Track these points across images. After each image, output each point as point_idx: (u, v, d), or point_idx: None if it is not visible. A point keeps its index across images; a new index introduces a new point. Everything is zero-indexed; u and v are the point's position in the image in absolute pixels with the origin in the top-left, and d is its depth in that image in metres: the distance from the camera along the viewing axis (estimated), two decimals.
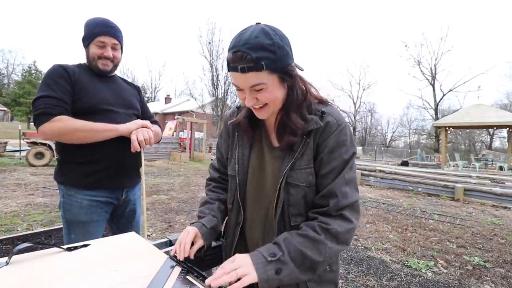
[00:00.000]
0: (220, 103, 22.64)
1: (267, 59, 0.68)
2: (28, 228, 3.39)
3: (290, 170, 0.78)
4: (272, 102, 0.76)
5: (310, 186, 0.78)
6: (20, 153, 10.17)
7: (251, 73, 0.69)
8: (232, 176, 0.92)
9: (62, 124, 1.17)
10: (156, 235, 3.39)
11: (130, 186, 1.43)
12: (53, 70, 1.26)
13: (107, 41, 1.32)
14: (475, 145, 35.62)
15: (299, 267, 0.68)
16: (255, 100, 0.75)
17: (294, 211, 0.79)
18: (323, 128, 0.77)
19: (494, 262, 3.05)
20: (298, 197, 0.79)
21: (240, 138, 0.91)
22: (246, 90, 0.74)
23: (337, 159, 0.76)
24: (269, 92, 0.73)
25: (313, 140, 0.78)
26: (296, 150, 0.78)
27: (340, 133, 0.77)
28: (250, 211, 0.91)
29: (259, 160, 0.88)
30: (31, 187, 5.68)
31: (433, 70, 27.70)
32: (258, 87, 0.72)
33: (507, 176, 9.46)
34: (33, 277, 0.65)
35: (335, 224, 0.72)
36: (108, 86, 1.38)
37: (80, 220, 1.27)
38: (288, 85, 0.76)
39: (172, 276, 0.71)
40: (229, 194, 0.95)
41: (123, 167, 1.35)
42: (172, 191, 6.17)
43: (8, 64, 42.76)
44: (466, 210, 5.67)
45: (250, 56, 0.66)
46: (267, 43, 0.67)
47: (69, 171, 1.29)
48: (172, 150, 14.27)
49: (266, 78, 0.71)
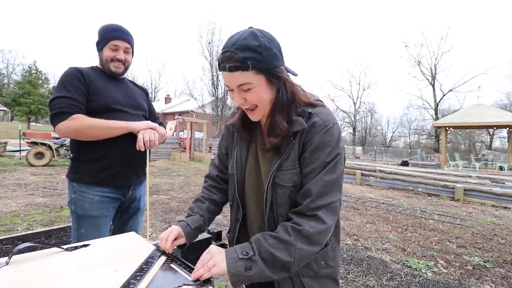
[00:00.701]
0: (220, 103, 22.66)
1: (253, 60, 0.71)
2: (28, 228, 3.39)
3: (277, 171, 0.80)
4: (260, 103, 0.78)
5: (295, 187, 0.80)
6: (20, 153, 10.17)
7: (238, 72, 0.72)
8: (232, 174, 0.95)
9: (77, 122, 1.25)
10: (156, 235, 3.39)
11: (137, 184, 1.50)
12: (68, 72, 1.33)
13: (120, 45, 1.41)
14: (475, 145, 35.62)
15: (270, 267, 0.71)
16: (243, 100, 0.78)
17: (281, 210, 0.82)
18: (309, 129, 0.78)
19: (494, 262, 3.05)
20: (285, 197, 0.81)
21: (238, 138, 0.94)
22: (235, 90, 0.77)
23: (318, 160, 0.76)
24: (256, 93, 0.76)
25: (299, 141, 0.79)
26: (283, 152, 0.80)
27: (325, 134, 0.77)
28: (249, 208, 0.94)
29: (254, 160, 0.91)
30: (31, 187, 5.68)
31: (433, 70, 27.72)
32: (245, 86, 0.75)
33: (507, 176, 9.46)
34: (33, 277, 0.65)
35: (307, 225, 0.73)
36: (119, 88, 1.46)
37: (91, 215, 1.34)
38: (276, 87, 0.78)
39: (156, 265, 0.75)
40: (229, 191, 0.99)
41: (132, 165, 1.42)
42: (172, 191, 6.17)
43: (8, 64, 42.79)
44: (466, 210, 5.67)
45: (237, 55, 0.70)
46: (254, 44, 0.71)
47: (81, 168, 1.35)
48: (172, 150, 14.27)
49: (253, 78, 0.73)
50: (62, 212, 4.13)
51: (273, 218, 0.83)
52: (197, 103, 24.35)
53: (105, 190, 1.36)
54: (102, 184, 1.35)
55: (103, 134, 1.29)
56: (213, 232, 1.14)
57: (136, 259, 0.78)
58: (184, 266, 0.75)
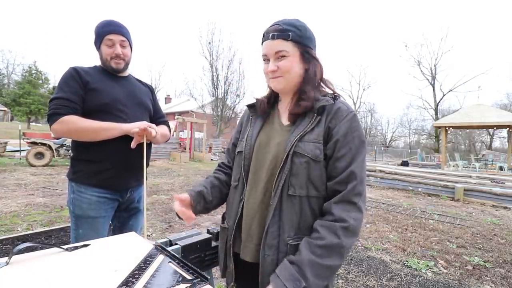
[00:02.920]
0: (220, 103, 22.65)
1: (294, 33, 0.84)
2: (28, 228, 3.39)
3: (299, 141, 0.82)
4: (289, 72, 0.86)
5: (314, 160, 0.81)
6: (20, 153, 10.17)
7: (278, 40, 0.83)
8: (240, 152, 0.95)
9: (68, 125, 1.26)
10: (156, 235, 3.39)
11: (135, 186, 1.48)
12: (65, 73, 1.34)
13: (114, 39, 1.38)
14: (475, 145, 35.61)
15: (322, 278, 0.72)
16: (276, 67, 0.85)
17: (294, 180, 0.81)
18: (335, 111, 0.83)
19: (494, 262, 3.05)
20: (301, 167, 0.81)
21: (253, 120, 0.98)
22: (271, 58, 0.86)
23: (353, 142, 0.80)
24: (289, 61, 0.85)
25: (325, 120, 0.83)
26: (307, 124, 0.84)
27: (352, 119, 0.83)
28: (252, 185, 0.91)
29: (266, 135, 0.93)
30: (31, 187, 5.68)
31: (433, 70, 27.70)
32: (282, 53, 0.84)
33: (507, 176, 9.46)
34: (33, 277, 0.65)
35: (351, 219, 0.75)
36: (121, 86, 1.45)
37: (89, 216, 1.33)
38: (306, 68, 0.87)
39: (155, 263, 0.75)
40: (235, 172, 0.98)
41: (129, 168, 1.40)
42: (172, 191, 6.17)
43: (8, 64, 42.71)
44: (466, 210, 5.67)
45: (281, 27, 0.84)
46: (297, 24, 0.86)
47: (80, 169, 1.35)
48: (172, 150, 14.27)
49: (290, 48, 0.84)
50: (62, 212, 4.13)
51: (282, 188, 0.81)
52: (197, 103, 24.33)
53: (102, 191, 1.35)
54: (99, 185, 1.34)
55: (94, 136, 1.29)
56: (212, 232, 1.13)
57: (136, 259, 0.78)
58: (182, 265, 0.75)
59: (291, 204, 0.81)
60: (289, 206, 0.81)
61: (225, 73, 22.31)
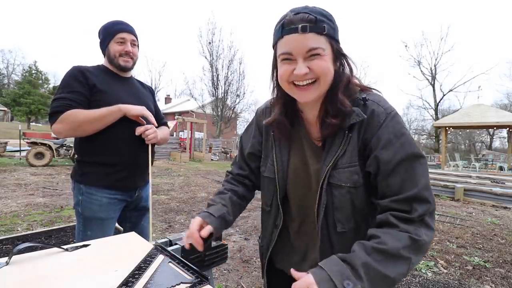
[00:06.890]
0: (220, 103, 22.65)
1: (328, 25, 0.65)
2: (28, 228, 3.39)
3: (332, 170, 0.70)
4: (324, 75, 0.66)
5: (356, 187, 0.69)
6: (20, 153, 10.17)
7: (311, 34, 0.63)
8: (270, 178, 0.83)
9: (68, 121, 1.23)
10: (156, 235, 3.38)
11: (143, 185, 1.50)
12: (68, 73, 1.32)
13: (126, 37, 1.39)
14: (475, 145, 35.62)
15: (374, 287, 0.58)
16: (307, 70, 0.65)
17: (339, 215, 0.71)
18: (369, 119, 0.67)
19: (494, 262, 3.05)
20: (344, 200, 0.70)
21: (277, 138, 0.83)
22: (299, 57, 0.65)
23: (401, 151, 0.64)
24: (325, 61, 0.65)
25: (358, 134, 0.69)
26: (337, 147, 0.70)
27: (392, 122, 0.67)
28: (295, 214, 0.83)
29: (300, 159, 0.80)
30: (31, 187, 5.68)
31: (433, 70, 27.67)
32: (315, 51, 0.64)
33: (507, 176, 9.46)
34: (33, 277, 0.65)
35: (424, 235, 0.61)
36: (125, 87, 1.44)
37: (99, 217, 1.33)
38: (336, 69, 0.70)
39: (155, 263, 0.75)
40: (265, 198, 0.88)
41: (138, 168, 1.41)
42: (172, 191, 6.17)
43: (8, 64, 42.83)
44: (466, 210, 5.67)
45: (313, 17, 0.63)
46: (325, 12, 0.67)
47: (89, 170, 1.34)
48: (172, 150, 14.28)
49: (325, 44, 0.65)
50: (62, 212, 4.13)
51: (326, 225, 0.73)
52: (197, 103, 24.35)
53: (113, 192, 1.35)
54: (110, 187, 1.34)
55: (98, 125, 1.26)
56: None
57: (136, 259, 0.78)
58: (182, 265, 0.75)
59: (342, 240, 0.72)
60: (341, 242, 0.72)
61: (225, 73, 22.35)
